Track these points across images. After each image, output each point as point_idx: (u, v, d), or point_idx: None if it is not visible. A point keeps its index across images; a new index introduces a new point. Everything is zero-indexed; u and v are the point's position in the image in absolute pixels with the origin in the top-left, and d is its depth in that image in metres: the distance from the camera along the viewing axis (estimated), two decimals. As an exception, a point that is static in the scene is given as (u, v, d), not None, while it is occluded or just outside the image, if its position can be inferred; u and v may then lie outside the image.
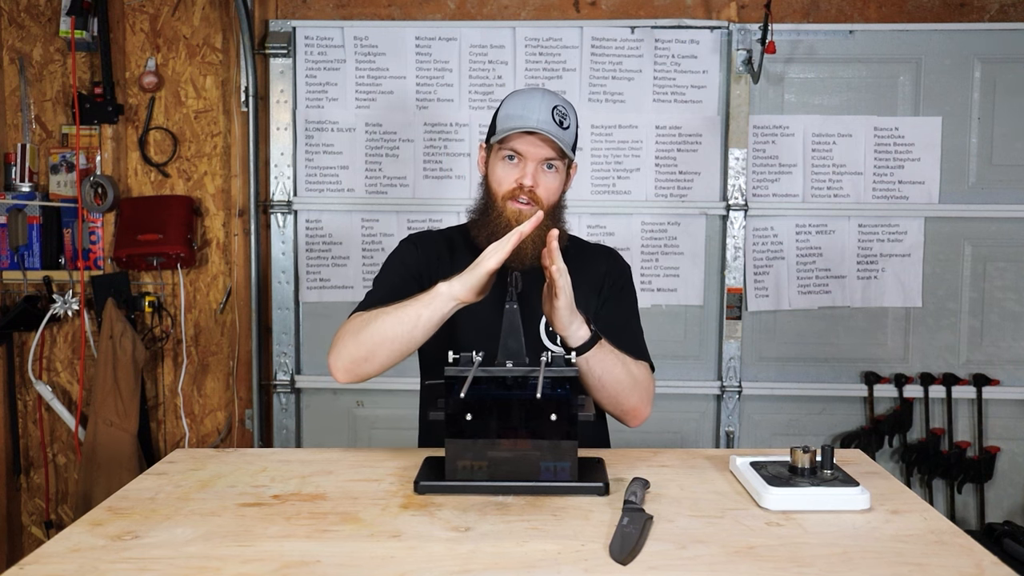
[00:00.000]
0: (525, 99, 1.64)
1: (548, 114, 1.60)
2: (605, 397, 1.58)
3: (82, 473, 2.84)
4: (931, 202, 2.91)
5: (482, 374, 1.37)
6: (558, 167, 1.64)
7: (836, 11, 2.90)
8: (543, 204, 1.62)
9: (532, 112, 1.60)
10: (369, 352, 1.49)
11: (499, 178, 1.64)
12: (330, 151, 2.95)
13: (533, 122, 1.59)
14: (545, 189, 1.62)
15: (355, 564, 1.08)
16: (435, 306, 1.45)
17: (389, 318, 1.48)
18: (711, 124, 2.93)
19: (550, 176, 1.63)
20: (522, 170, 1.61)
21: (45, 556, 1.11)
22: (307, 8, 2.95)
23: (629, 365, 1.58)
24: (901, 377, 2.91)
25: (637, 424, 1.63)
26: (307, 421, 3.01)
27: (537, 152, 1.60)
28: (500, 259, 1.41)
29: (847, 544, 1.15)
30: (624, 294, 1.76)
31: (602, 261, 1.78)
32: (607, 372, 1.54)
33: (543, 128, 1.58)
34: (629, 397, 1.59)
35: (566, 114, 1.64)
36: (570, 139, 1.64)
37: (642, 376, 1.62)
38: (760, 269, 2.94)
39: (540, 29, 2.91)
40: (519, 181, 1.61)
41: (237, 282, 2.96)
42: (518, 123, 1.59)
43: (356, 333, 1.51)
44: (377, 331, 1.48)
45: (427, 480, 1.36)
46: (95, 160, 2.91)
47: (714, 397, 2.97)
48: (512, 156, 1.62)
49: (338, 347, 1.53)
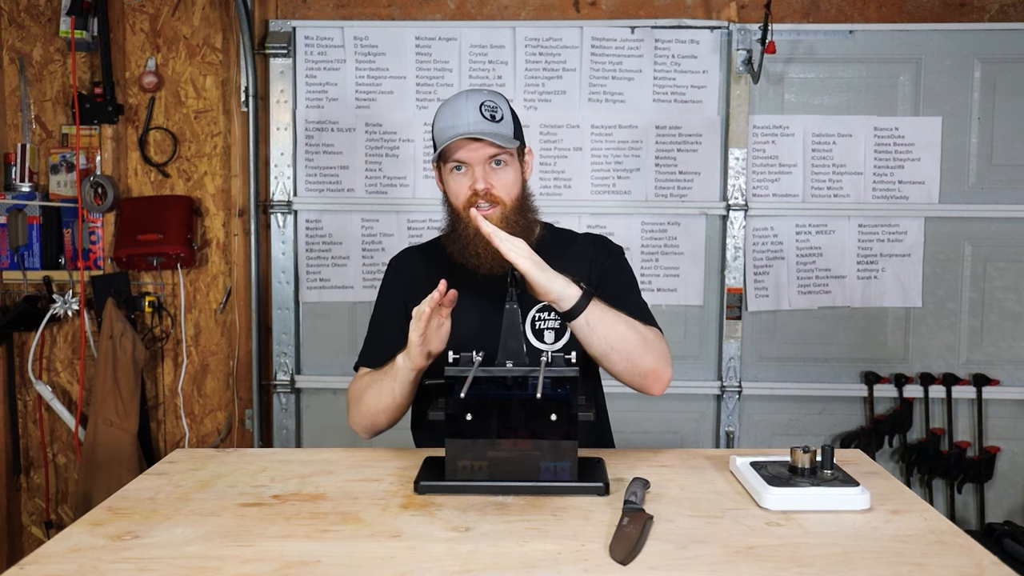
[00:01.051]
0: (452, 106, 1.62)
1: (477, 113, 1.58)
2: (618, 361, 1.50)
3: (82, 473, 2.84)
4: (931, 202, 2.91)
5: (482, 374, 1.37)
6: (506, 160, 1.61)
7: (836, 11, 2.90)
8: (504, 201, 1.60)
9: (461, 118, 1.59)
10: (372, 419, 1.65)
11: (454, 191, 1.62)
12: (330, 151, 2.95)
13: (464, 127, 1.57)
14: (502, 186, 1.60)
15: (355, 564, 1.08)
16: (400, 378, 1.54)
17: (373, 392, 1.61)
18: (711, 124, 2.93)
19: (501, 172, 1.61)
20: (471, 176, 1.60)
21: (45, 556, 1.11)
22: (307, 8, 2.95)
23: (635, 324, 1.52)
24: (901, 377, 2.91)
25: (661, 388, 1.55)
26: (307, 421, 3.01)
27: (478, 155, 1.58)
28: (420, 333, 1.44)
29: (847, 544, 1.15)
30: (617, 270, 1.72)
31: (587, 247, 1.74)
32: (611, 330, 1.48)
33: (474, 129, 1.56)
34: (643, 357, 1.51)
35: (496, 106, 1.61)
36: (507, 130, 1.61)
37: (652, 336, 1.55)
38: (760, 269, 2.94)
39: (540, 29, 2.91)
40: (472, 188, 1.59)
41: (237, 282, 2.96)
42: (451, 132, 1.58)
43: (356, 405, 1.66)
44: (368, 405, 1.63)
45: (427, 480, 1.36)
46: (95, 160, 2.91)
47: (714, 397, 2.97)
48: (458, 166, 1.60)
49: (350, 413, 1.69)
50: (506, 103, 1.65)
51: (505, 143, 1.59)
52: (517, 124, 1.67)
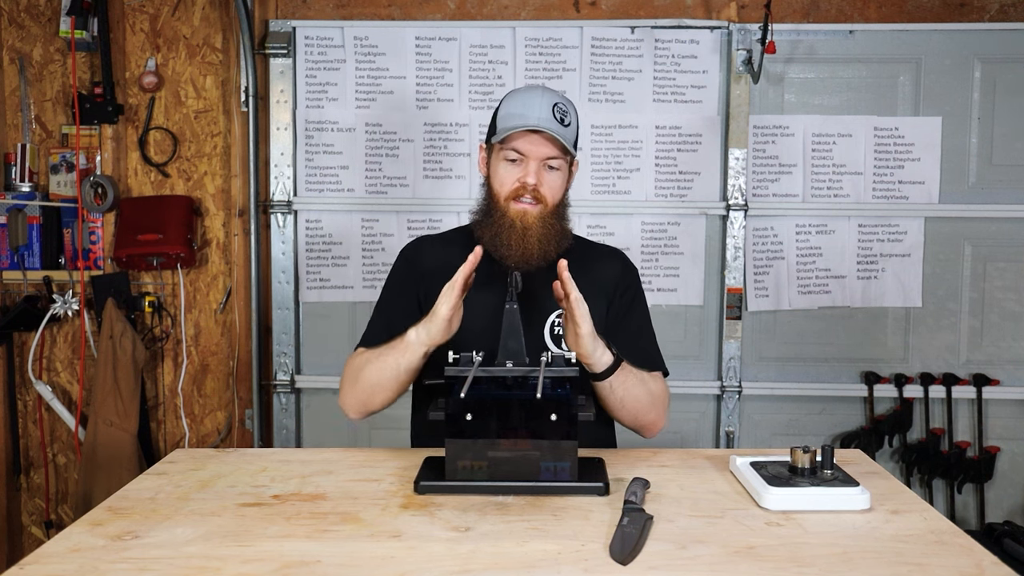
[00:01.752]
0: (525, 97, 1.63)
1: (549, 112, 1.59)
2: (626, 415, 1.61)
3: (82, 473, 2.84)
4: (931, 202, 2.91)
5: (482, 374, 1.37)
6: (560, 165, 1.63)
7: (836, 11, 2.90)
8: (547, 202, 1.61)
9: (533, 110, 1.59)
10: (367, 397, 1.60)
11: (501, 178, 1.62)
12: (330, 151, 2.95)
13: (534, 120, 1.57)
14: (549, 187, 1.62)
15: (355, 564, 1.08)
16: (408, 355, 1.52)
17: (374, 368, 1.57)
18: (711, 124, 2.93)
19: (553, 175, 1.62)
20: (524, 169, 1.60)
21: (45, 556, 1.11)
22: (307, 8, 2.95)
23: (648, 383, 1.60)
24: (901, 377, 2.91)
25: (653, 435, 1.67)
26: (307, 421, 3.01)
27: (539, 151, 1.59)
28: (451, 305, 1.44)
29: (847, 544, 1.15)
30: (637, 300, 1.76)
31: (610, 265, 1.77)
32: (628, 393, 1.56)
33: (544, 126, 1.57)
34: (648, 413, 1.62)
35: (567, 111, 1.63)
36: (571, 136, 1.63)
37: (659, 391, 1.64)
38: (760, 269, 2.94)
39: (540, 29, 2.91)
40: (522, 180, 1.60)
41: (237, 282, 2.96)
42: (519, 122, 1.58)
43: (353, 380, 1.61)
44: (367, 379, 1.58)
45: (427, 480, 1.36)
46: (95, 160, 2.91)
47: (714, 397, 2.97)
48: (514, 156, 1.61)
49: (344, 391, 1.64)
50: (575, 112, 1.67)
51: (568, 147, 1.61)
52: (578, 135, 1.68)
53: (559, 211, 1.65)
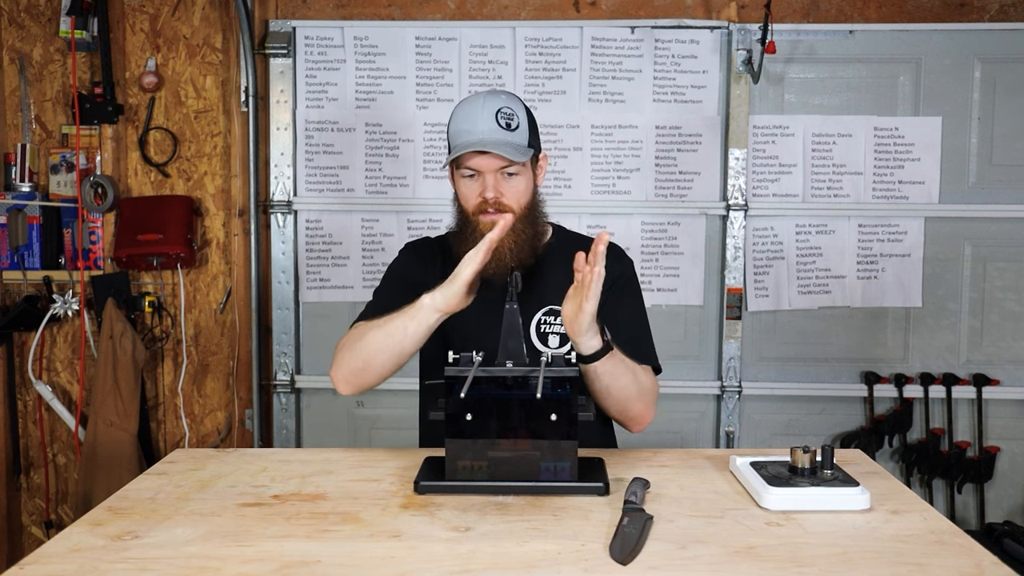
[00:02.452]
0: (468, 111, 1.62)
1: (492, 121, 1.58)
2: (611, 404, 1.57)
3: (82, 473, 2.84)
4: (931, 202, 2.91)
5: (482, 374, 1.37)
6: (518, 170, 1.61)
7: (836, 11, 2.90)
8: (513, 209, 1.60)
9: (476, 124, 1.58)
10: (365, 364, 1.54)
11: (464, 195, 1.64)
12: (330, 151, 2.95)
13: (477, 137, 1.57)
14: (512, 195, 1.61)
15: (355, 564, 1.08)
16: (419, 318, 1.48)
17: (379, 331, 1.52)
18: (711, 124, 2.93)
19: (513, 181, 1.61)
20: (482, 184, 1.60)
21: (45, 556, 1.11)
22: (307, 8, 2.95)
23: (637, 373, 1.57)
24: (901, 377, 2.91)
25: (639, 430, 1.63)
26: (307, 421, 3.01)
27: (491, 163, 1.59)
28: (475, 268, 1.43)
29: (847, 544, 1.15)
30: (629, 293, 1.74)
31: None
32: (615, 381, 1.52)
33: (489, 140, 1.57)
34: (635, 404, 1.58)
35: (512, 114, 1.61)
36: (522, 139, 1.62)
37: (648, 383, 1.61)
38: (760, 269, 2.94)
39: (540, 29, 2.91)
40: (482, 196, 1.60)
41: (237, 282, 2.96)
42: (464, 139, 1.59)
43: (351, 347, 1.56)
44: (369, 344, 1.53)
45: (427, 480, 1.36)
46: (95, 160, 2.91)
47: (714, 397, 2.97)
48: (469, 172, 1.61)
49: (337, 360, 1.58)
50: (523, 109, 1.65)
51: (517, 155, 1.59)
52: (533, 130, 1.67)
53: (529, 215, 1.64)
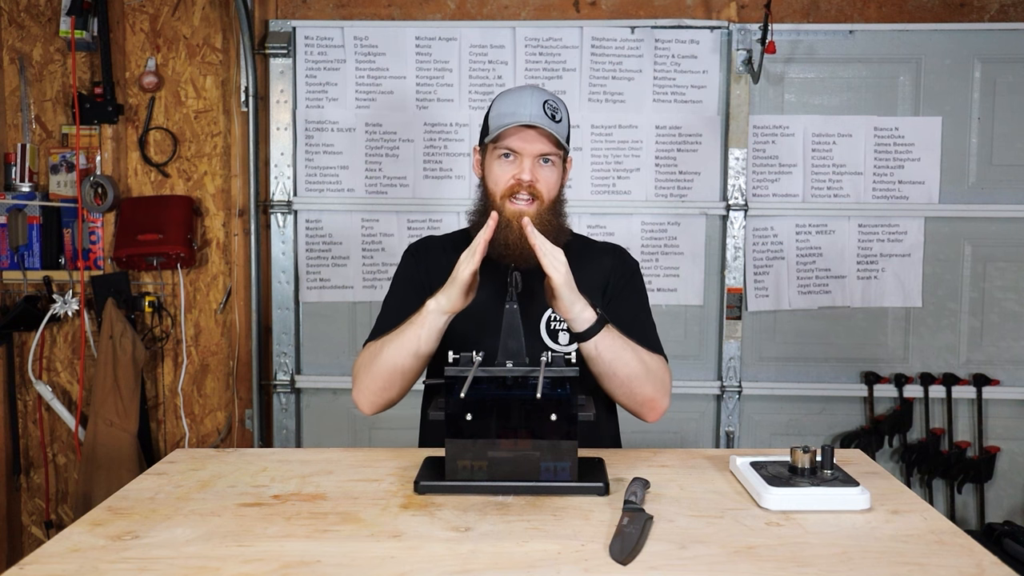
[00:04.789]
0: (515, 96, 1.64)
1: (540, 109, 1.60)
2: (618, 386, 1.55)
3: (82, 473, 2.84)
4: (931, 202, 2.91)
5: (482, 374, 1.37)
6: (554, 161, 1.63)
7: (836, 11, 2.90)
8: (543, 198, 1.62)
9: (524, 108, 1.60)
10: (386, 382, 1.57)
11: (496, 177, 1.63)
12: (330, 151, 2.95)
13: (526, 117, 1.58)
14: (544, 183, 1.62)
15: (355, 564, 1.08)
16: (429, 324, 1.51)
17: (392, 346, 1.54)
18: (711, 124, 2.93)
19: (547, 170, 1.63)
20: (519, 166, 1.61)
21: (45, 556, 1.11)
22: (307, 8, 2.95)
23: (641, 353, 1.55)
24: (901, 377, 2.91)
25: (655, 417, 1.61)
26: (307, 421, 3.01)
27: (532, 147, 1.60)
28: (473, 267, 1.44)
29: (847, 544, 1.15)
30: (632, 289, 1.74)
31: (607, 258, 1.77)
32: (617, 358, 1.51)
33: (536, 121, 1.58)
34: (644, 386, 1.56)
35: (557, 108, 1.64)
36: (563, 132, 1.64)
37: (656, 365, 1.59)
38: (760, 269, 2.94)
39: (540, 29, 2.91)
40: (517, 177, 1.61)
41: (237, 282, 2.96)
42: (511, 119, 1.59)
43: (368, 368, 1.58)
44: (386, 361, 1.55)
45: (427, 480, 1.36)
46: (95, 160, 2.91)
47: (714, 397, 2.97)
48: (508, 154, 1.62)
49: (357, 383, 1.61)
50: (565, 110, 1.68)
51: (561, 141, 1.62)
52: (569, 132, 1.69)
53: (555, 207, 1.65)
